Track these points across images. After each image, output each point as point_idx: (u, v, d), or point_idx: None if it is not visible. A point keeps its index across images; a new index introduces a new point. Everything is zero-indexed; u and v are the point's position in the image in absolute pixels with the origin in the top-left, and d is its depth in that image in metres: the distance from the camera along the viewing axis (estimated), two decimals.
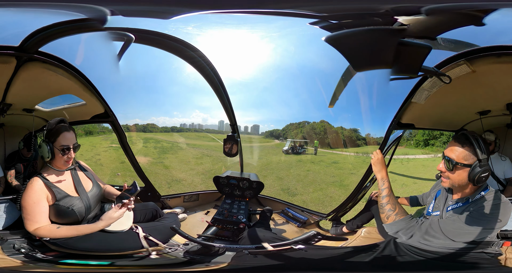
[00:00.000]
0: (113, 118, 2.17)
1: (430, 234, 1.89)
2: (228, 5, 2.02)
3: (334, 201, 2.33)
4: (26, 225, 1.90)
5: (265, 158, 2.40)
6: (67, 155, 1.95)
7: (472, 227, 1.84)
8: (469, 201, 1.89)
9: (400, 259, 1.98)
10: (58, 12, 1.99)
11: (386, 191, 2.00)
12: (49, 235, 1.92)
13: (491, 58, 1.97)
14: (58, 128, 1.94)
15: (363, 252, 2.05)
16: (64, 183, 1.98)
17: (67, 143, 1.94)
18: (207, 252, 2.04)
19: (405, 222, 1.95)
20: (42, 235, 1.91)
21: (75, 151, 1.99)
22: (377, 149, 2.11)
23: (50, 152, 1.92)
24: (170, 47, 2.02)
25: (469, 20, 1.93)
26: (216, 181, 2.50)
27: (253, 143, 2.32)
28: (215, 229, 2.20)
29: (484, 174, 1.82)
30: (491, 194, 1.87)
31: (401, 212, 1.98)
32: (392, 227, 1.97)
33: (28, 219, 1.89)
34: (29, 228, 1.90)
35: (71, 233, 1.92)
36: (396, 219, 1.96)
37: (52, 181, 1.95)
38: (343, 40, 1.89)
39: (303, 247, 2.03)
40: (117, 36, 2.02)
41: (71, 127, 2.00)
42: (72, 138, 1.97)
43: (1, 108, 2.10)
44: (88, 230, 1.94)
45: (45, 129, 1.95)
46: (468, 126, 2.16)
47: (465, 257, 1.92)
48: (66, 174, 2.00)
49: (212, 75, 2.08)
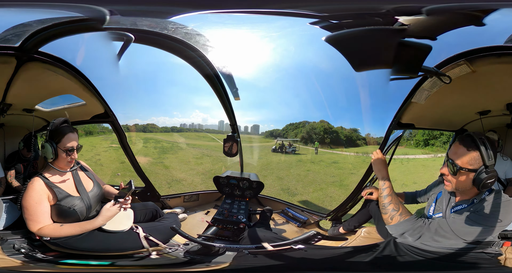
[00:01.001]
0: (113, 118, 2.16)
1: (440, 234, 1.84)
2: (228, 5, 2.01)
3: (334, 201, 2.32)
4: (29, 225, 1.89)
5: (265, 158, 2.39)
6: (71, 156, 1.94)
7: (483, 225, 1.78)
8: (474, 202, 1.83)
9: (400, 259, 1.96)
10: (58, 12, 1.99)
11: (388, 190, 1.94)
12: (53, 234, 1.90)
13: (491, 58, 1.96)
14: (62, 129, 1.93)
15: (363, 252, 2.04)
16: (65, 183, 1.97)
17: (72, 144, 1.93)
18: (207, 252, 2.04)
19: (410, 223, 1.89)
20: (46, 234, 1.90)
21: (78, 151, 1.98)
22: (377, 149, 2.09)
23: (54, 152, 1.91)
24: (170, 47, 2.01)
25: (470, 21, 1.92)
26: (216, 181, 2.49)
27: (253, 143, 2.31)
28: (215, 229, 2.19)
29: (491, 180, 1.73)
30: (496, 194, 1.81)
31: (405, 212, 1.91)
32: (398, 229, 1.90)
33: (30, 219, 1.88)
34: (33, 228, 1.89)
35: (75, 230, 1.91)
36: (401, 220, 1.89)
37: (53, 181, 1.94)
38: (344, 40, 1.88)
39: (303, 247, 2.03)
40: (117, 36, 2.01)
41: (75, 128, 1.99)
42: (76, 139, 1.96)
43: (1, 108, 2.09)
44: (90, 226, 1.93)
45: (49, 129, 1.93)
46: (468, 126, 2.14)
47: (465, 257, 1.90)
48: (67, 174, 2.00)
49: (212, 75, 2.07)
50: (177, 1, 2.02)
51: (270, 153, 2.37)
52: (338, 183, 2.33)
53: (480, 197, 1.82)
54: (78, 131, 2.04)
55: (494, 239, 1.88)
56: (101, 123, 2.23)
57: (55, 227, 1.91)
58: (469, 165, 1.76)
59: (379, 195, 1.99)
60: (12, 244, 1.96)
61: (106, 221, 1.95)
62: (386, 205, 1.93)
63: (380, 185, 1.99)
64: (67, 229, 1.91)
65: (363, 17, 1.95)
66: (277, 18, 2.05)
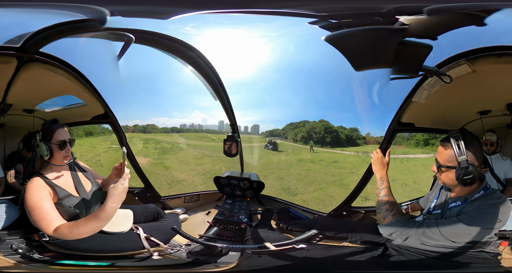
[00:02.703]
0: (113, 119, 2.16)
1: (427, 235, 1.84)
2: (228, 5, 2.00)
3: (335, 200, 2.31)
4: (42, 228, 1.79)
5: (266, 158, 2.38)
6: (65, 150, 1.93)
7: (471, 227, 1.78)
8: (467, 200, 1.84)
9: (400, 259, 1.96)
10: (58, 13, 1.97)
11: (385, 191, 1.97)
12: (71, 233, 1.78)
13: (492, 58, 1.94)
14: (52, 126, 1.93)
15: (363, 252, 2.03)
16: (65, 183, 1.95)
17: (63, 137, 1.93)
18: (210, 253, 2.02)
19: (401, 223, 1.90)
20: (64, 234, 1.79)
21: (71, 145, 1.97)
22: (377, 148, 2.08)
23: (49, 150, 1.90)
24: (169, 48, 2.00)
25: (471, 20, 1.90)
26: (216, 181, 2.48)
27: (253, 143, 2.30)
28: (216, 229, 2.17)
29: (467, 176, 1.76)
30: (490, 193, 1.82)
31: (398, 212, 1.94)
32: (387, 229, 1.93)
33: (41, 219, 1.79)
34: (48, 230, 1.79)
35: (92, 224, 1.77)
36: (393, 220, 1.93)
37: (53, 180, 1.93)
38: (344, 39, 1.86)
39: (305, 246, 2.02)
40: (117, 36, 1.99)
41: (64, 124, 1.98)
42: (67, 133, 1.96)
43: (1, 109, 2.08)
44: (104, 213, 1.76)
45: (40, 130, 1.93)
46: (468, 126, 2.13)
47: (464, 257, 1.89)
48: (67, 175, 1.98)
49: (211, 75, 2.06)
50: (176, 1, 2.00)
51: (270, 153, 2.36)
52: (339, 182, 2.32)
53: (473, 196, 1.83)
54: (78, 132, 2.03)
55: (491, 240, 1.87)
56: (101, 124, 2.22)
57: (72, 225, 1.79)
58: (448, 162, 1.81)
59: (376, 194, 2.00)
60: (10, 245, 1.94)
61: (116, 201, 1.77)
62: (381, 205, 1.96)
63: (378, 184, 2.01)
64: (82, 223, 1.78)
65: (363, 17, 1.93)
66: (276, 18, 2.03)
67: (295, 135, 2.33)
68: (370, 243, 2.01)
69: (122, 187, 1.79)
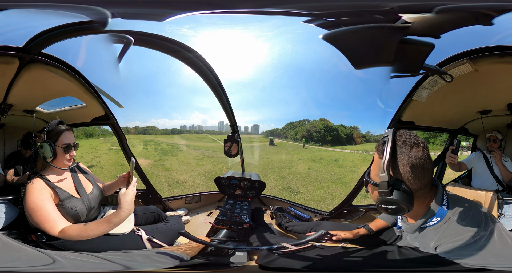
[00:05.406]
0: (113, 120, 2.14)
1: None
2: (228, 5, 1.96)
3: (335, 199, 2.30)
4: (46, 229, 1.75)
5: (266, 158, 2.37)
6: (69, 154, 1.90)
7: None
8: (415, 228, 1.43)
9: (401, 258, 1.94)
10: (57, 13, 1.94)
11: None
12: (78, 236, 1.73)
13: (494, 58, 1.91)
14: (59, 129, 1.90)
15: (363, 252, 2.02)
16: (65, 184, 1.92)
17: (69, 141, 1.89)
18: (218, 254, 1.99)
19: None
20: (72, 237, 1.73)
21: (76, 149, 1.94)
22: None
23: (53, 151, 1.87)
24: (167, 49, 1.97)
25: (477, 20, 1.86)
26: (217, 182, 2.45)
27: (253, 142, 2.29)
28: (226, 231, 2.15)
29: (387, 206, 1.21)
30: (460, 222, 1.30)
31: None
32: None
33: (45, 221, 1.76)
34: (53, 231, 1.74)
35: (102, 227, 1.73)
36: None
37: (54, 182, 1.90)
38: (343, 37, 1.83)
39: (318, 245, 1.99)
40: (117, 38, 1.96)
41: (70, 127, 1.95)
42: (72, 137, 1.93)
43: (2, 109, 2.05)
44: (117, 218, 1.73)
45: (46, 130, 1.89)
46: (468, 125, 2.12)
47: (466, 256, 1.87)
48: (67, 176, 1.94)
49: (210, 76, 2.03)
50: (173, 2, 1.96)
51: (270, 153, 2.35)
52: (339, 181, 2.31)
53: (417, 226, 1.38)
54: (78, 134, 2.00)
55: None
56: (102, 125, 2.20)
57: (82, 228, 1.74)
58: (375, 176, 1.37)
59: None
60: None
61: (129, 207, 1.74)
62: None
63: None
64: (93, 227, 1.73)
65: (364, 15, 1.90)
66: (274, 17, 2.00)
67: (295, 134, 2.31)
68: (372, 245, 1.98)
69: (133, 193, 1.77)
